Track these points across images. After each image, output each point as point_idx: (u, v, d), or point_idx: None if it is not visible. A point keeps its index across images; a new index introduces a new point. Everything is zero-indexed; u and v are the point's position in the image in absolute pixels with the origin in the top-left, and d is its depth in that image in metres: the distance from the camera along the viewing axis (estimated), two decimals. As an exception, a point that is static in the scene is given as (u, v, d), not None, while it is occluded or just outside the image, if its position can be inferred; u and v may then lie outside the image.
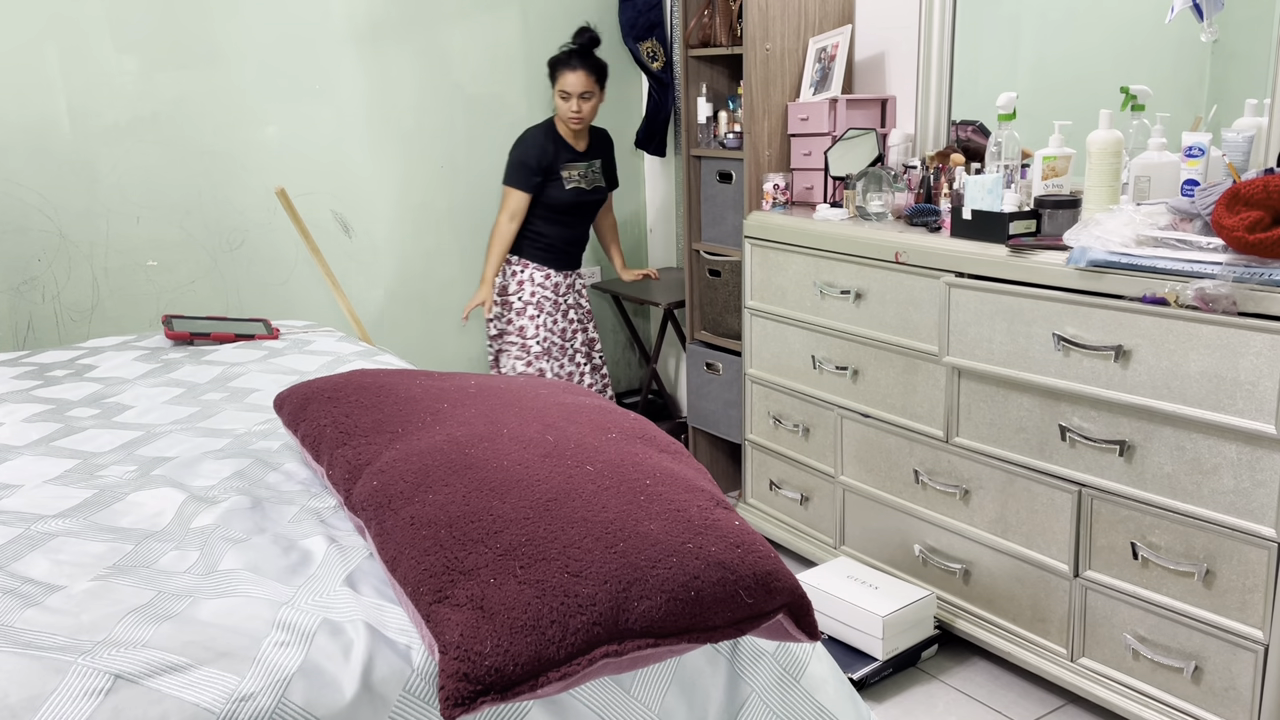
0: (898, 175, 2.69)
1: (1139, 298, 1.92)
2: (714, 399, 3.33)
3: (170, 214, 3.18)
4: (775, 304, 2.80)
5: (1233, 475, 1.85)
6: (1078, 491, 2.11)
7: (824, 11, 3.01)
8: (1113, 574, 2.08)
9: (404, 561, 1.20)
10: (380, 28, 3.43)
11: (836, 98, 2.87)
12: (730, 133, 3.26)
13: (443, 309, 3.72)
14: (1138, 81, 2.36)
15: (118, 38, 3.03)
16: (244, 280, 3.34)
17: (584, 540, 1.18)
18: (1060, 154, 2.28)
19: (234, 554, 1.34)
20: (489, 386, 1.66)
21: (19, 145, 2.95)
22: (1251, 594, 1.86)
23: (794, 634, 1.26)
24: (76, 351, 2.46)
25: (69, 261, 3.06)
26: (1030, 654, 2.28)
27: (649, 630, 1.13)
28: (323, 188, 3.41)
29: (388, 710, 1.12)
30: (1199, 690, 1.97)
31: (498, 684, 1.05)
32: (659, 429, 1.56)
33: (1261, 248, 1.74)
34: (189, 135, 3.17)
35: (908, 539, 2.53)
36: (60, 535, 1.41)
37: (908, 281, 2.39)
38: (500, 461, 1.33)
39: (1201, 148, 2.05)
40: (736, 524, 1.26)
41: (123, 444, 1.83)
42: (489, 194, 3.71)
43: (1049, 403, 2.13)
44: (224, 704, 1.05)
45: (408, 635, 1.18)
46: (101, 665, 1.06)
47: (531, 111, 3.75)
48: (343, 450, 1.50)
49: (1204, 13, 2.13)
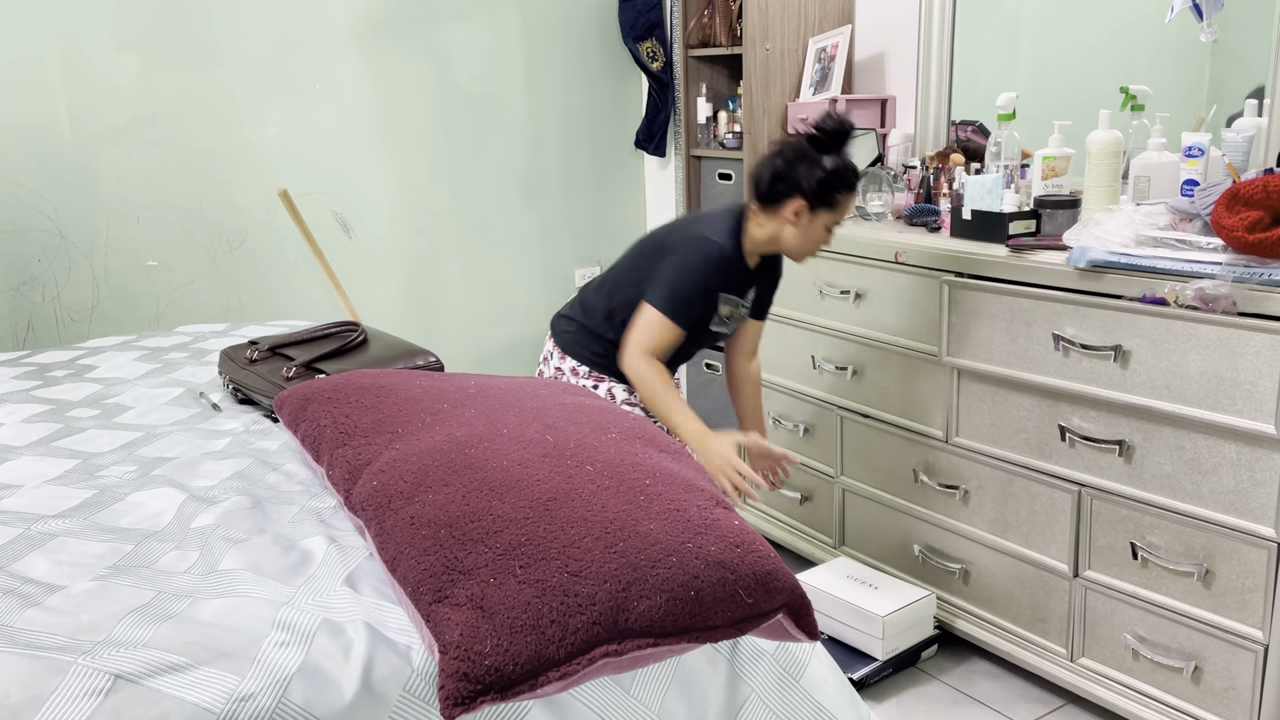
0: (897, 175, 2.69)
1: (1139, 298, 1.92)
2: (714, 399, 3.33)
3: (170, 214, 3.18)
4: (775, 304, 2.80)
5: (1232, 475, 1.85)
6: (1077, 491, 2.11)
7: (824, 11, 3.01)
8: (1112, 574, 2.08)
9: (404, 561, 1.20)
10: (380, 28, 3.43)
11: (836, 98, 2.87)
12: (730, 133, 3.26)
13: (443, 309, 3.72)
14: (1138, 81, 2.36)
15: (117, 38, 3.03)
16: (244, 280, 3.34)
17: (584, 540, 1.18)
18: (1060, 154, 2.28)
19: (234, 554, 1.34)
20: (489, 387, 1.66)
21: (19, 145, 2.95)
22: (1251, 594, 1.86)
23: (794, 634, 1.26)
24: (76, 351, 2.46)
25: (69, 261, 3.06)
26: (1030, 654, 2.28)
27: (649, 630, 1.13)
28: (323, 188, 3.41)
29: (388, 710, 1.12)
30: (1199, 690, 1.97)
31: (498, 684, 1.05)
32: (659, 429, 1.56)
33: (1261, 248, 1.74)
34: (189, 135, 3.17)
35: (907, 539, 2.53)
36: (60, 535, 1.41)
37: (907, 281, 2.39)
38: (500, 461, 1.33)
39: (1201, 148, 2.05)
40: (736, 524, 1.26)
41: (123, 444, 1.83)
42: (489, 194, 3.72)
43: (1049, 403, 2.13)
44: (224, 704, 1.05)
45: (408, 635, 1.18)
46: (101, 665, 1.06)
47: (532, 111, 3.74)
48: (343, 450, 1.50)
49: (1204, 13, 2.13)
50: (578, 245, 4.00)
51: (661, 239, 2.22)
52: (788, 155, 2.11)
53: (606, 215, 4.04)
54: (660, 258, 2.16)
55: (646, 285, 2.15)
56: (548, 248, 3.93)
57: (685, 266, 2.10)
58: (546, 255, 3.94)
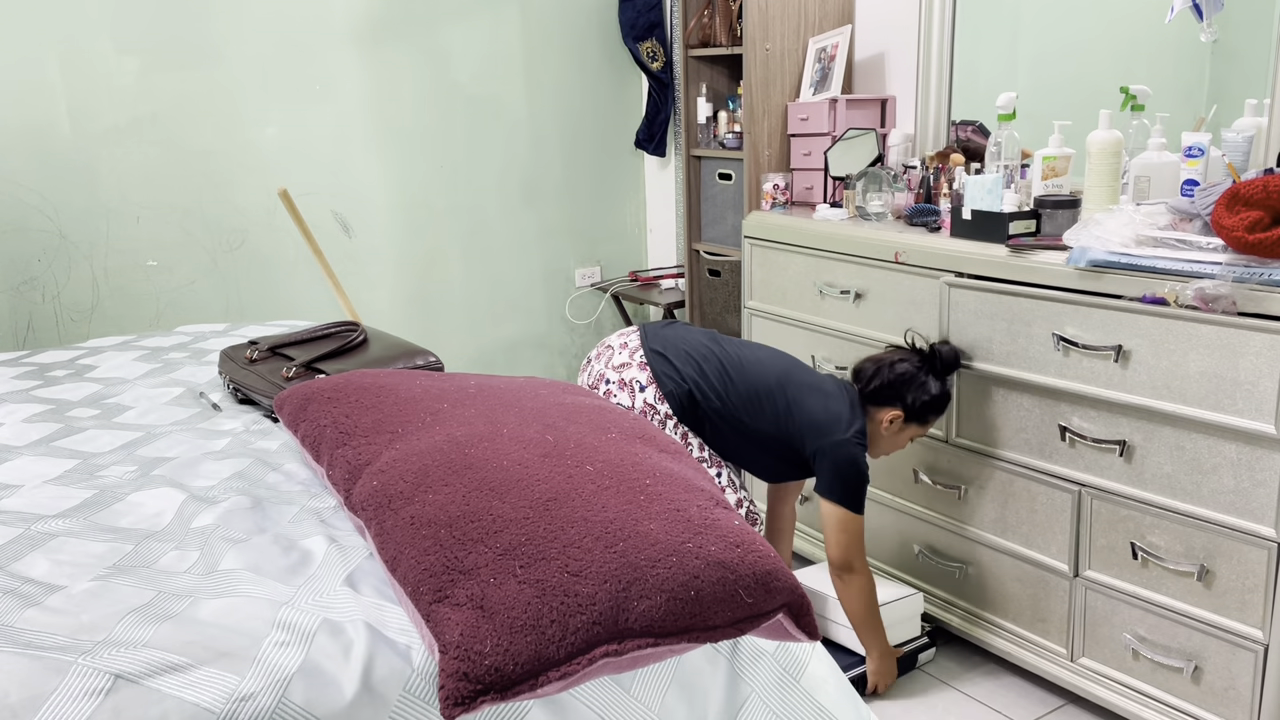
0: (897, 175, 2.69)
1: (1139, 298, 1.92)
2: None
3: (170, 214, 3.18)
4: (775, 304, 2.80)
5: (1232, 475, 1.85)
6: (1077, 491, 2.11)
7: (824, 11, 3.01)
8: (1112, 574, 2.08)
9: (404, 561, 1.20)
10: (380, 28, 3.43)
11: (836, 98, 2.87)
12: (730, 133, 3.26)
13: (443, 309, 3.72)
14: (1138, 81, 2.36)
15: (117, 38, 3.03)
16: (244, 280, 3.34)
17: (584, 540, 1.18)
18: (1060, 154, 2.28)
19: (234, 554, 1.34)
20: (489, 387, 1.66)
21: (19, 146, 2.95)
22: (1251, 594, 1.86)
23: (794, 634, 1.26)
24: (76, 351, 2.46)
25: (69, 261, 3.06)
26: (1030, 654, 2.28)
27: (649, 630, 1.13)
28: (323, 188, 3.41)
29: (388, 710, 1.12)
30: (1199, 690, 1.97)
31: (498, 683, 1.05)
32: (659, 429, 1.56)
33: (1261, 248, 1.74)
34: (189, 135, 3.17)
35: (907, 539, 2.53)
36: (60, 535, 1.41)
37: (907, 281, 2.39)
38: (500, 461, 1.33)
39: (1201, 148, 2.05)
40: (736, 524, 1.26)
41: (123, 444, 1.83)
42: (489, 194, 3.72)
43: (1049, 403, 2.13)
44: (224, 704, 1.05)
45: (408, 635, 1.18)
46: (102, 665, 1.06)
47: (532, 111, 3.74)
48: (343, 450, 1.50)
49: (1204, 13, 2.13)
50: (578, 245, 4.00)
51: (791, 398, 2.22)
52: (902, 373, 2.24)
53: (606, 215, 4.04)
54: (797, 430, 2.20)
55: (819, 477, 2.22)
56: (548, 248, 3.94)
57: (854, 466, 2.19)
58: (546, 255, 3.94)
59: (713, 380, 2.22)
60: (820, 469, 2.21)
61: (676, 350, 2.26)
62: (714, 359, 2.25)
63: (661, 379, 2.22)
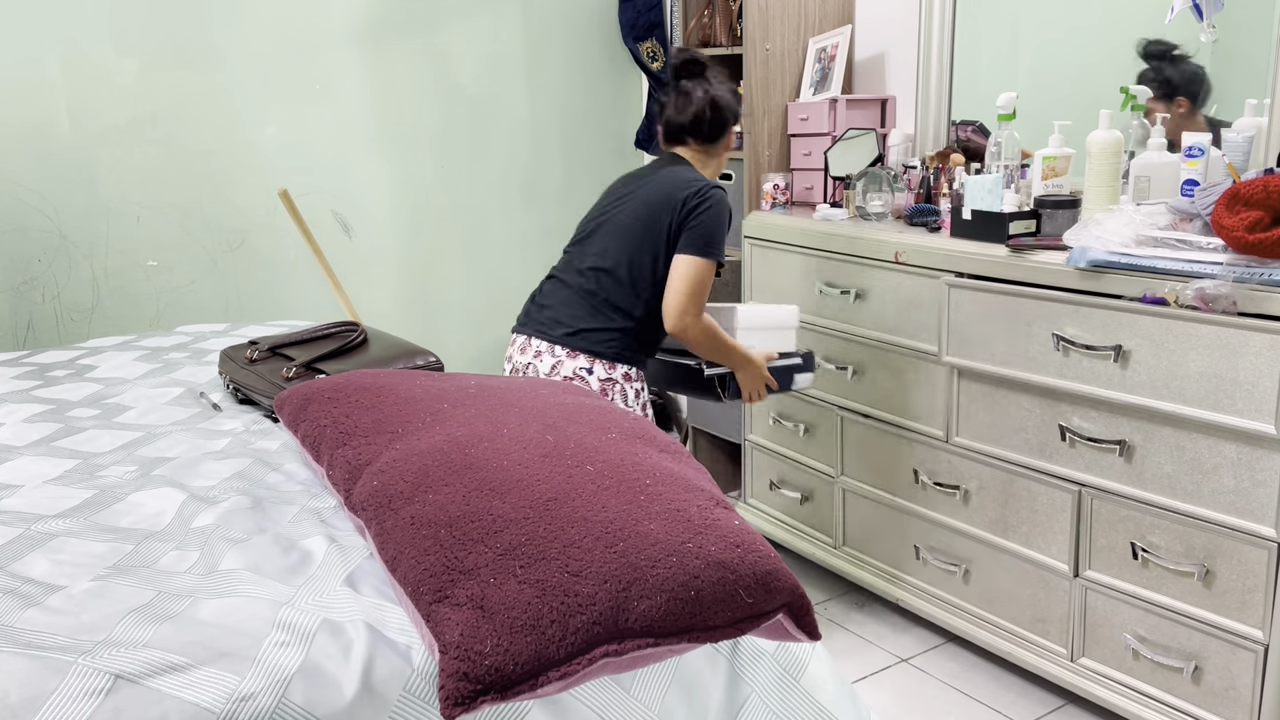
0: (897, 175, 2.69)
1: (1139, 298, 1.92)
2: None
3: (170, 214, 3.18)
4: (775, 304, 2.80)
5: (1232, 475, 1.85)
6: (1078, 491, 2.11)
7: (824, 11, 3.01)
8: (1112, 574, 2.08)
9: (404, 561, 1.20)
10: (380, 28, 3.43)
11: (836, 98, 2.87)
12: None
13: (443, 309, 3.72)
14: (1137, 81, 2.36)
15: (117, 38, 3.03)
16: (244, 280, 3.34)
17: (584, 540, 1.18)
18: (1060, 154, 2.28)
19: (234, 554, 1.34)
20: (489, 387, 1.66)
21: (19, 145, 2.95)
22: (1251, 594, 1.86)
23: (794, 634, 1.26)
24: (76, 351, 2.46)
25: (69, 261, 3.06)
26: (1030, 654, 2.28)
27: (649, 630, 1.13)
28: (323, 188, 3.41)
29: (388, 710, 1.12)
30: (1199, 690, 1.97)
31: (498, 683, 1.05)
32: (659, 429, 1.56)
33: (1261, 248, 1.74)
34: (189, 135, 3.17)
35: (908, 539, 2.53)
36: (60, 535, 1.41)
37: (907, 281, 2.39)
38: (500, 461, 1.33)
39: (1201, 148, 2.05)
40: (736, 524, 1.26)
41: (123, 444, 1.83)
42: (489, 194, 3.71)
43: (1049, 403, 2.13)
44: (224, 704, 1.05)
45: (408, 635, 1.18)
46: (102, 665, 1.06)
47: (532, 111, 3.74)
48: (343, 450, 1.50)
49: (1204, 13, 2.13)
50: (578, 245, 3.99)
51: (657, 203, 2.25)
52: (716, 89, 2.30)
53: (606, 215, 4.03)
54: (665, 215, 2.22)
55: (684, 244, 2.20)
56: (548, 248, 3.93)
57: (717, 219, 2.18)
58: (547, 255, 3.92)
59: (615, 302, 2.25)
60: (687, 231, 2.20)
61: (569, 316, 2.28)
62: (585, 294, 2.29)
63: (596, 348, 2.25)
